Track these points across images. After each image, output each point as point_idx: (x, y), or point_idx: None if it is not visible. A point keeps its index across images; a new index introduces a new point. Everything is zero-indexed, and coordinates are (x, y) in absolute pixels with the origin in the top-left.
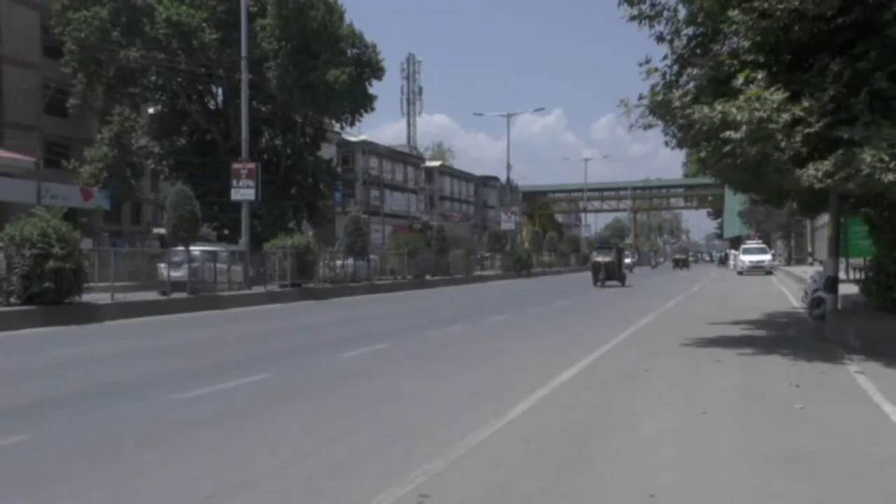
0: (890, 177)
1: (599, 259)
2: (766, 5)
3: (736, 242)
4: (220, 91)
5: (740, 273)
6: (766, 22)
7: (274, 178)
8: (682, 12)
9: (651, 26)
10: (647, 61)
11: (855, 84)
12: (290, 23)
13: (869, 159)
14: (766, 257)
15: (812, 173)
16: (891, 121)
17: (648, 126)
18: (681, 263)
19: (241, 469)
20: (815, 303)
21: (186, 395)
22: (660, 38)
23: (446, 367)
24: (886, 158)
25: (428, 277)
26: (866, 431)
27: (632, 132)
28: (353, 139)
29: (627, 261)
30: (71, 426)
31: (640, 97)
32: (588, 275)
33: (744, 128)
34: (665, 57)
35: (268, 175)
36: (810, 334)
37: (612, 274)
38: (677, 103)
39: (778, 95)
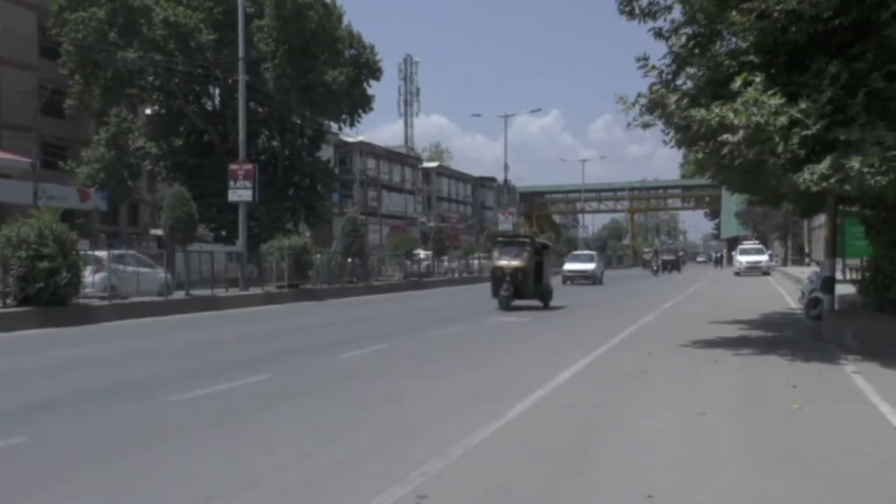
0: (882, 181)
1: (503, 263)
2: (763, 6)
3: (733, 243)
4: (217, 92)
5: (737, 273)
6: (764, 23)
7: (271, 179)
8: (677, 11)
9: (644, 21)
10: (646, 58)
11: (852, 85)
12: (287, 24)
13: (857, 165)
14: (763, 258)
15: (807, 176)
16: (887, 121)
17: (647, 126)
18: (669, 266)
19: (241, 469)
20: (812, 303)
21: (186, 395)
22: (658, 35)
23: (446, 368)
24: (877, 163)
25: None
26: (864, 432)
27: (629, 131)
28: (350, 140)
29: (589, 266)
30: (70, 427)
31: (639, 95)
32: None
33: (741, 132)
34: (664, 56)
35: (265, 176)
36: (807, 335)
37: (522, 287)
38: (674, 107)
39: (776, 100)
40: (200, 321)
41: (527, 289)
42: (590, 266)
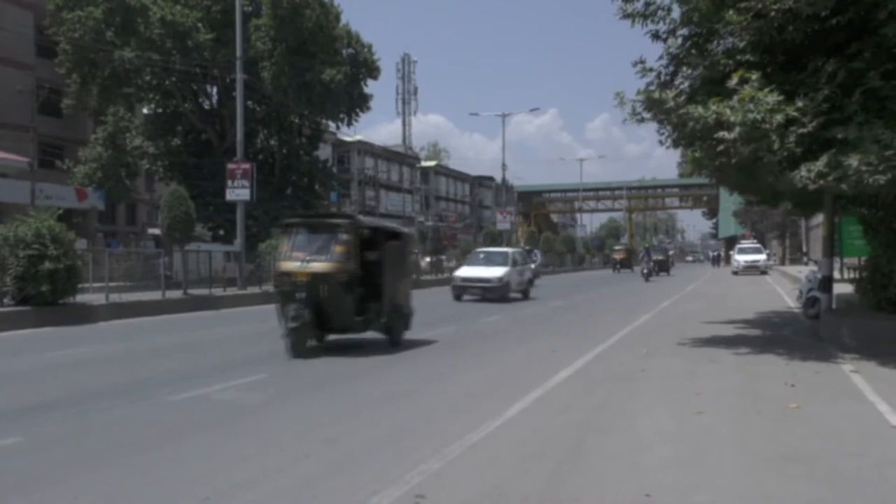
0: (880, 179)
1: (292, 265)
2: (759, 5)
3: (731, 242)
4: (214, 91)
5: (735, 273)
6: (761, 22)
7: (269, 179)
8: (676, 12)
9: (644, 24)
10: (642, 61)
11: (849, 84)
12: (285, 23)
13: (855, 163)
14: (761, 257)
15: (804, 174)
16: (885, 120)
17: (642, 120)
18: (657, 267)
19: (238, 470)
20: (810, 302)
21: (182, 395)
22: (655, 36)
23: (442, 368)
24: (875, 161)
25: None
26: (862, 431)
27: (626, 124)
28: (348, 139)
29: (495, 273)
30: (66, 428)
31: (638, 92)
32: (584, 275)
33: (737, 129)
34: (661, 56)
35: (263, 175)
36: (805, 334)
37: (333, 310)
38: (671, 103)
39: (772, 97)
40: (198, 321)
41: (342, 313)
42: (495, 272)
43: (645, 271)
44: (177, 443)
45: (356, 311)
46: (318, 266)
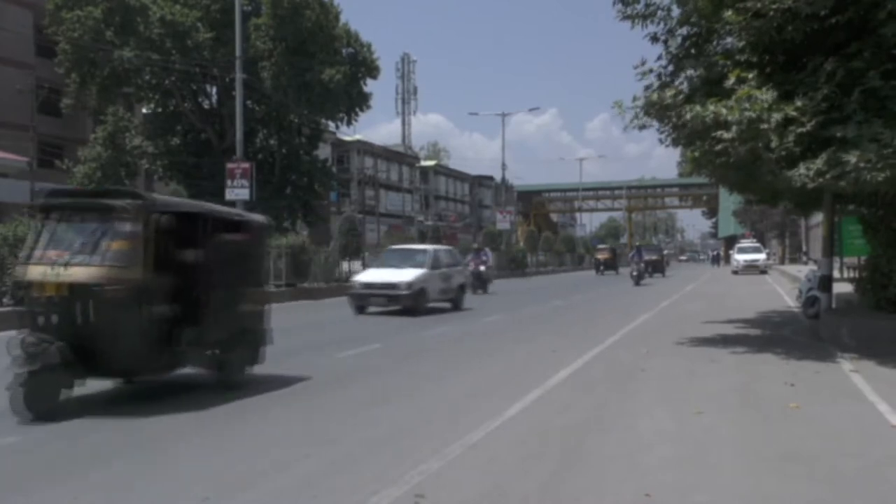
0: (878, 176)
1: (37, 271)
2: (759, 5)
3: (731, 242)
4: (214, 91)
5: (735, 272)
6: (760, 22)
7: (269, 178)
8: (676, 12)
9: (644, 26)
10: (643, 63)
11: (848, 83)
12: (284, 22)
13: (854, 160)
14: (761, 256)
15: (804, 172)
16: (884, 119)
17: (643, 126)
18: (651, 269)
19: (237, 470)
20: (810, 302)
21: (182, 395)
22: (654, 38)
23: (442, 368)
24: (874, 159)
25: None
26: (862, 431)
27: (626, 132)
28: (348, 139)
29: (403, 277)
30: (64, 428)
31: (634, 99)
32: (582, 275)
33: (734, 127)
34: (659, 57)
35: (263, 175)
36: (805, 333)
37: (98, 336)
38: (669, 101)
39: (769, 95)
40: None
41: (122, 346)
42: (405, 276)
43: (635, 273)
44: (177, 443)
45: (158, 340)
46: (81, 273)
